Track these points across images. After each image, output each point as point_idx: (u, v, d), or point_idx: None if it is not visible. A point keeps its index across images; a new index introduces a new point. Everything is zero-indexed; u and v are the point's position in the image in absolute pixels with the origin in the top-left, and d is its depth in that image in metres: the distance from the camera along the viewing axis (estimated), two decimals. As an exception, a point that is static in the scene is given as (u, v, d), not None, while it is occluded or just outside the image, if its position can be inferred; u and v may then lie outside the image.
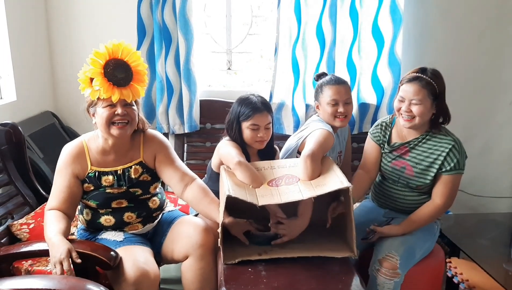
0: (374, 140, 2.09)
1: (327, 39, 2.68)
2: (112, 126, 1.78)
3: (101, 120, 1.77)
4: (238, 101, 2.00)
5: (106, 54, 1.72)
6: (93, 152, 1.86)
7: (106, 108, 1.76)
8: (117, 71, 1.73)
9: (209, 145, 2.80)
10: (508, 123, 3.01)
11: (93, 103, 1.79)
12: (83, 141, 1.88)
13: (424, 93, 1.87)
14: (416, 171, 1.98)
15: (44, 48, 2.84)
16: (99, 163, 1.86)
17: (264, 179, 1.82)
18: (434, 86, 1.88)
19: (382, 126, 2.08)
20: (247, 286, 1.61)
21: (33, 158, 2.40)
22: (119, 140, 1.84)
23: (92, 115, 1.82)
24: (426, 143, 1.97)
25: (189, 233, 1.86)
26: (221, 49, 3.04)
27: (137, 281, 1.67)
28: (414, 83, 1.89)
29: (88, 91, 1.74)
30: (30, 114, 2.67)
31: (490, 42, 2.88)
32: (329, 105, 2.03)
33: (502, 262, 2.16)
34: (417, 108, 1.88)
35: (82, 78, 1.74)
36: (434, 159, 1.94)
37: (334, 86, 2.04)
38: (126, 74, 1.75)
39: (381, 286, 1.84)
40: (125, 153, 1.89)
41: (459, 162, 1.91)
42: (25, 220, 2.08)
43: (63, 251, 1.61)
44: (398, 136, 2.04)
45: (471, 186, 2.92)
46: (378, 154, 2.09)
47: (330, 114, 2.04)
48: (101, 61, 1.71)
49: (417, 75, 1.91)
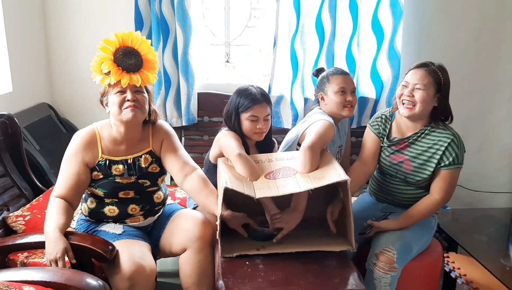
0: (374, 132, 2.08)
1: (326, 33, 2.67)
2: (124, 110, 1.78)
3: (113, 106, 1.78)
4: (237, 92, 1.99)
5: (116, 42, 1.75)
6: (105, 141, 1.86)
7: (117, 94, 1.78)
8: (127, 57, 1.76)
9: (207, 139, 2.79)
10: (507, 120, 3.01)
11: (105, 92, 1.81)
12: (95, 128, 1.87)
13: (429, 80, 1.87)
14: (414, 165, 1.97)
15: (40, 40, 2.82)
16: (110, 152, 1.85)
17: (261, 172, 1.81)
18: (440, 76, 1.88)
19: (382, 119, 2.07)
20: (244, 279, 1.61)
21: (29, 150, 2.39)
22: (131, 128, 1.85)
23: (106, 105, 1.84)
24: (425, 137, 1.96)
25: (187, 226, 1.86)
26: (219, 41, 3.02)
27: (132, 275, 1.66)
28: (421, 69, 1.90)
29: (98, 78, 1.76)
30: (26, 105, 2.66)
31: (489, 38, 2.88)
32: (338, 94, 2.03)
33: (500, 257, 2.17)
34: (420, 93, 1.88)
35: (93, 66, 1.76)
36: (433, 154, 1.93)
37: (342, 75, 2.06)
38: (135, 60, 1.77)
39: (378, 281, 1.83)
40: (136, 143, 1.90)
41: (457, 156, 1.90)
42: (21, 212, 2.07)
43: (59, 250, 1.60)
44: (398, 131, 2.03)
45: (470, 182, 2.92)
46: (377, 147, 2.08)
47: (339, 103, 2.03)
48: (112, 48, 1.74)
49: (425, 62, 1.92)
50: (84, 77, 2.83)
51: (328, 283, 1.60)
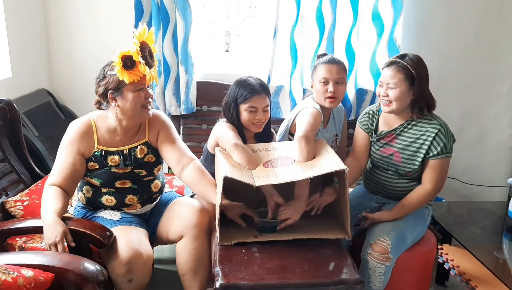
0: (362, 128, 2.11)
1: (326, 24, 2.66)
2: (142, 109, 1.81)
3: (134, 104, 1.78)
4: (236, 83, 1.99)
5: (140, 37, 1.77)
6: (101, 131, 1.86)
7: (137, 92, 1.78)
8: (149, 54, 1.79)
9: (205, 128, 2.79)
10: (504, 113, 3.01)
11: (118, 86, 1.77)
12: (91, 119, 1.88)
13: (399, 77, 1.89)
14: (403, 157, 1.99)
15: (40, 25, 2.81)
16: (106, 142, 1.86)
17: (259, 160, 1.82)
18: (410, 70, 1.89)
19: (370, 114, 2.09)
20: (240, 266, 1.62)
21: (27, 135, 2.39)
22: (136, 122, 1.87)
23: (113, 100, 1.80)
24: (412, 128, 1.98)
25: (184, 214, 1.87)
26: (219, 31, 3.01)
27: (129, 261, 1.68)
28: (390, 67, 1.92)
29: (125, 75, 1.72)
30: (25, 91, 2.66)
31: (489, 32, 2.87)
32: (320, 83, 2.02)
33: (493, 249, 2.20)
34: (392, 92, 1.90)
35: (117, 61, 1.72)
36: (421, 145, 1.95)
37: (327, 64, 2.03)
38: (152, 59, 1.81)
39: (373, 270, 1.86)
40: (132, 134, 1.91)
41: (445, 145, 1.92)
42: (19, 197, 2.08)
43: (58, 234, 1.61)
44: (385, 123, 2.06)
45: (465, 175, 2.94)
46: (367, 142, 2.10)
47: (320, 93, 2.03)
48: (138, 42, 1.75)
49: (394, 59, 1.93)
50: (83, 63, 2.83)
51: (323, 272, 1.62)
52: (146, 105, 1.81)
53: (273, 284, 1.56)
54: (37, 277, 1.43)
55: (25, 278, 1.40)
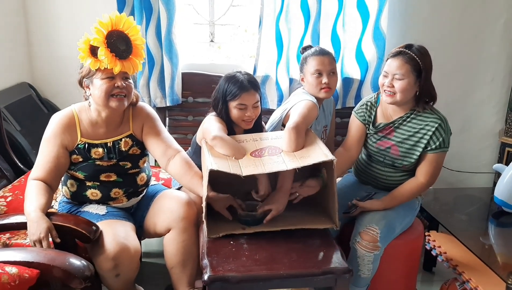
0: (359, 119, 2.07)
1: (312, 12, 2.64)
2: (111, 98, 1.76)
3: (100, 92, 1.74)
4: (224, 79, 1.94)
5: (109, 24, 1.70)
6: (83, 124, 1.83)
7: (105, 80, 1.74)
8: (119, 42, 1.72)
9: (191, 119, 2.76)
10: (489, 101, 3.04)
11: (89, 74, 1.76)
12: (74, 111, 1.84)
13: (407, 68, 1.86)
14: (401, 150, 1.98)
15: (20, 18, 2.74)
16: (89, 135, 1.83)
17: (246, 150, 1.80)
18: (418, 62, 1.86)
19: (368, 106, 2.06)
20: (228, 258, 1.62)
21: (9, 130, 2.35)
22: (114, 113, 1.83)
23: (86, 87, 1.79)
24: (411, 122, 1.97)
25: (171, 207, 1.86)
26: (204, 21, 2.97)
27: (116, 255, 1.67)
28: (397, 57, 1.89)
29: (88, 61, 1.71)
30: (6, 85, 2.59)
31: (473, 19, 2.88)
32: (314, 76, 2.02)
33: (479, 235, 2.22)
34: (399, 83, 1.88)
35: (82, 47, 1.71)
36: (420, 138, 1.94)
37: (318, 56, 2.03)
38: (127, 47, 1.74)
39: (362, 259, 1.86)
40: (116, 126, 1.87)
41: (444, 140, 1.92)
42: (2, 193, 2.05)
43: (43, 230, 1.59)
44: (383, 115, 2.04)
45: (451, 162, 2.96)
46: (363, 134, 2.08)
47: (314, 86, 2.02)
48: (104, 31, 1.69)
49: (402, 50, 1.90)
50: (65, 56, 2.77)
51: (311, 262, 1.63)
52: (115, 94, 1.76)
53: (261, 276, 1.56)
54: (21, 274, 1.40)
55: (9, 275, 1.37)
